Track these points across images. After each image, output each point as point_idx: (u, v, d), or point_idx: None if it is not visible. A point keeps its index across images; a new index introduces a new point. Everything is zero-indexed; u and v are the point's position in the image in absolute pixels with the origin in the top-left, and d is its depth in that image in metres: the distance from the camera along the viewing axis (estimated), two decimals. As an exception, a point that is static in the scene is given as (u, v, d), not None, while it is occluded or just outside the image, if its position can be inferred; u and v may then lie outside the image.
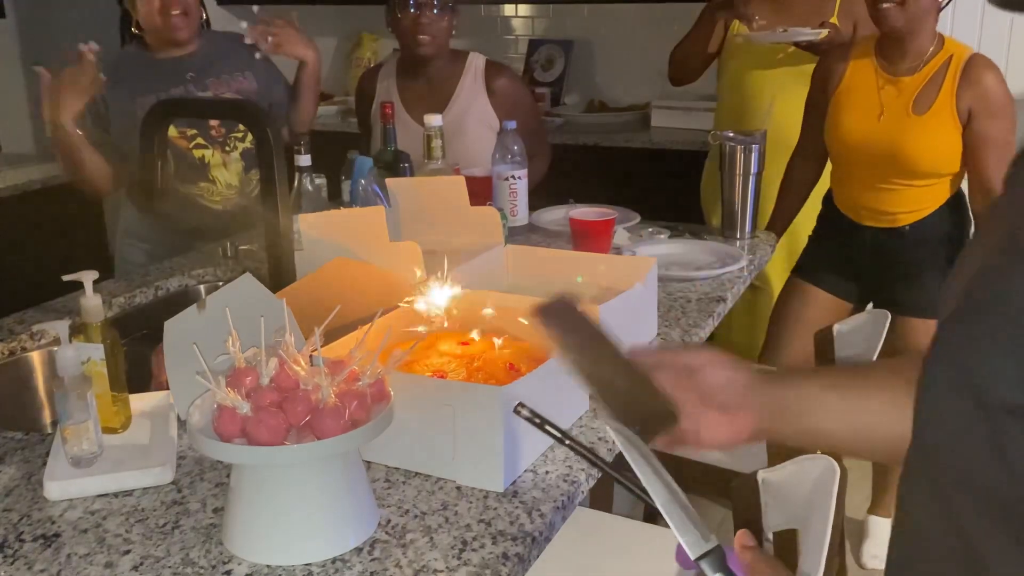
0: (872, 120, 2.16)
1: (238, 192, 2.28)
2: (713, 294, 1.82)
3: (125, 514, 1.09)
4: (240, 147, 2.26)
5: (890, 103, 2.14)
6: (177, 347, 1.17)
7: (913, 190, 2.18)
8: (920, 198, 2.19)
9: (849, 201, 2.30)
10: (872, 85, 2.17)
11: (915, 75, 2.12)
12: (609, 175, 3.45)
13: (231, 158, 2.26)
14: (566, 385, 1.28)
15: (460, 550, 1.01)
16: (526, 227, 2.26)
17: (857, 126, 2.19)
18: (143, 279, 1.95)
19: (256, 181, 2.31)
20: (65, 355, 1.14)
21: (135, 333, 1.78)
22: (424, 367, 1.26)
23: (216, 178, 2.25)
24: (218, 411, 0.97)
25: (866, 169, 2.21)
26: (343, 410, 0.97)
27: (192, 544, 1.03)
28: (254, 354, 1.03)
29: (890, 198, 2.20)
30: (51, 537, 1.05)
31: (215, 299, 1.19)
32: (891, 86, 2.15)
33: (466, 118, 2.44)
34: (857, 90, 2.20)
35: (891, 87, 2.15)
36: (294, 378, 1.00)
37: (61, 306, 1.75)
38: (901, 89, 2.13)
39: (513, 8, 4.17)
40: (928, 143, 2.11)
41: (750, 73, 2.71)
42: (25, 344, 1.64)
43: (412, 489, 1.13)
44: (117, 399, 1.27)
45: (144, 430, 1.28)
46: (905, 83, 2.13)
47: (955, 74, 2.07)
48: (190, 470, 1.19)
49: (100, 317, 1.26)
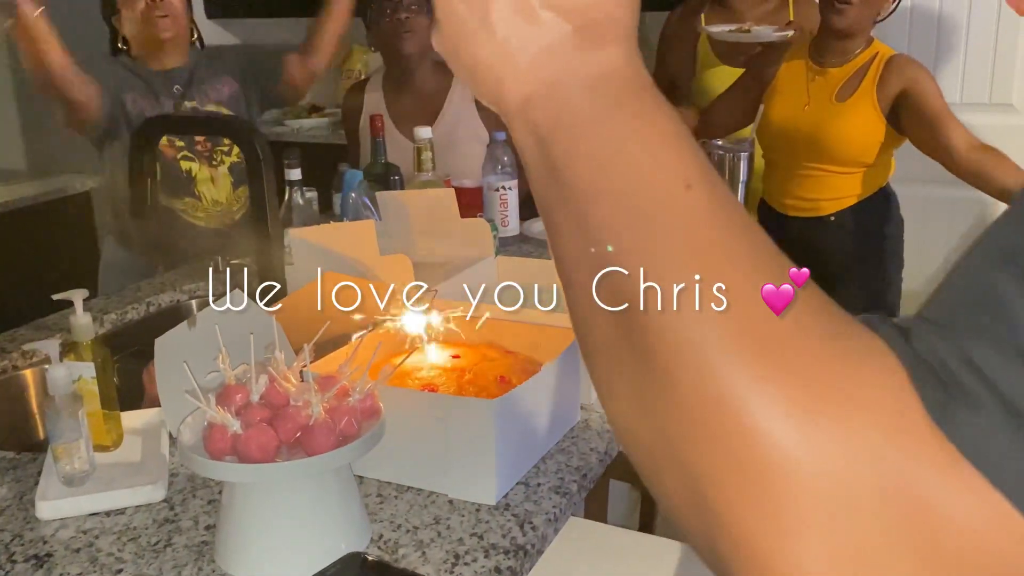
0: (799, 109, 2.27)
1: (224, 210, 2.27)
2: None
3: (117, 533, 1.09)
4: (228, 161, 2.26)
5: (816, 93, 2.25)
6: (168, 364, 1.17)
7: (833, 177, 2.26)
8: (840, 186, 2.27)
9: (776, 193, 2.38)
10: (802, 79, 2.28)
11: (842, 67, 2.23)
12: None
13: (219, 173, 2.25)
14: (557, 398, 1.28)
15: (453, 564, 1.01)
16: (517, 237, 2.27)
17: (784, 115, 2.29)
18: (135, 295, 1.95)
19: (244, 198, 2.30)
20: (56, 374, 1.14)
21: (127, 349, 1.78)
22: (415, 381, 1.26)
23: (202, 193, 2.24)
24: (208, 428, 0.97)
25: (791, 157, 2.30)
26: (333, 426, 0.97)
27: (184, 562, 1.03)
28: (244, 371, 1.03)
29: (812, 185, 2.29)
30: (43, 557, 1.05)
31: (206, 315, 1.19)
32: (820, 77, 2.25)
33: (456, 131, 2.44)
34: (788, 84, 2.30)
35: (820, 78, 2.25)
36: (284, 394, 1.00)
37: (53, 324, 1.75)
38: (828, 79, 2.24)
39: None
40: (848, 129, 2.21)
41: (710, 75, 2.72)
42: (17, 363, 1.64)
43: (404, 503, 1.13)
44: (109, 417, 1.27)
45: (136, 448, 1.28)
46: (832, 74, 2.24)
47: (878, 66, 2.19)
48: (182, 487, 1.19)
49: (91, 335, 1.26)
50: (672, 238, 0.41)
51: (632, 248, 0.41)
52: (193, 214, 2.25)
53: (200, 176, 2.23)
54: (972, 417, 0.35)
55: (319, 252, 1.52)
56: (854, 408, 0.36)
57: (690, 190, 0.41)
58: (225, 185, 2.26)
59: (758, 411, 0.37)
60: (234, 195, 2.28)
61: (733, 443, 0.37)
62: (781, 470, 0.36)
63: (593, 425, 1.33)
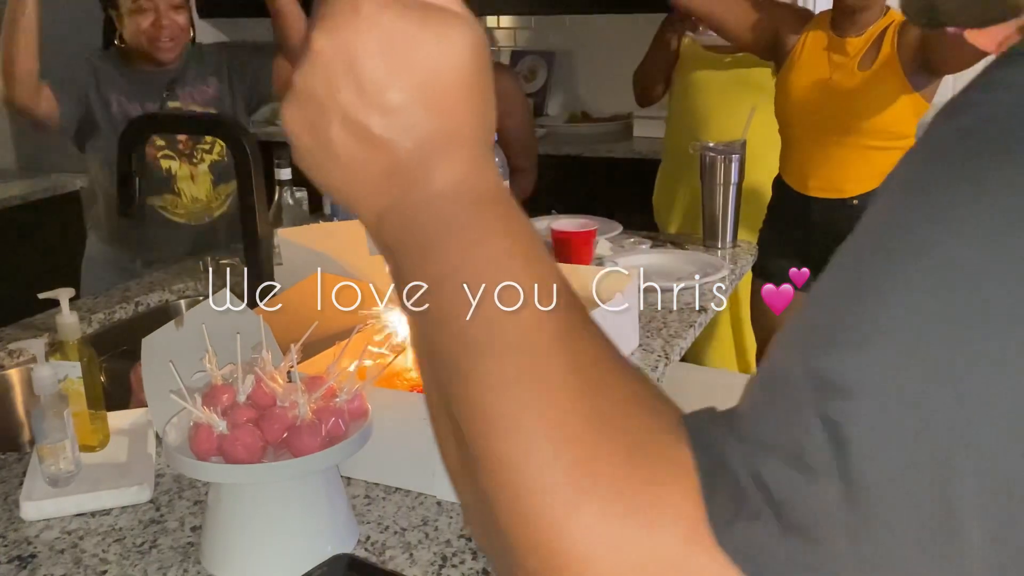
0: (823, 83, 2.24)
1: (204, 208, 2.27)
2: (695, 304, 1.82)
3: (102, 534, 1.08)
4: (208, 159, 2.25)
5: (839, 65, 2.23)
6: (155, 364, 1.16)
7: (857, 153, 2.22)
8: (864, 165, 2.22)
9: (797, 173, 2.34)
10: (823, 53, 2.26)
11: (861, 36, 2.22)
12: (591, 185, 3.45)
13: (199, 171, 2.24)
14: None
15: (440, 566, 1.00)
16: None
17: (806, 87, 2.26)
18: (122, 295, 1.94)
19: (225, 196, 2.30)
20: (41, 374, 1.13)
21: (114, 349, 1.77)
22: (403, 382, 1.25)
23: (182, 190, 2.24)
24: (194, 429, 0.96)
25: (814, 131, 2.27)
26: (320, 427, 0.97)
27: (170, 564, 1.02)
28: (231, 371, 1.03)
29: (836, 163, 2.25)
30: (27, 558, 1.04)
31: (193, 315, 1.19)
32: (841, 47, 2.24)
33: None
34: (809, 56, 2.28)
35: (840, 49, 2.24)
36: (271, 395, 1.00)
37: (40, 323, 1.74)
38: (848, 51, 2.23)
39: (495, 20, 4.18)
40: (872, 96, 2.18)
41: (694, 80, 2.74)
42: (3, 362, 1.63)
43: (392, 505, 1.13)
44: (95, 417, 1.26)
45: (122, 448, 1.27)
46: (852, 43, 2.23)
47: (894, 30, 2.18)
48: (168, 488, 1.18)
49: (77, 335, 1.25)
50: (502, 364, 0.41)
51: (463, 378, 0.42)
52: (173, 211, 2.24)
53: (180, 174, 2.22)
54: (750, 529, 0.37)
55: (308, 252, 1.52)
56: (652, 520, 0.38)
57: (518, 313, 0.41)
58: (205, 183, 2.25)
59: (566, 522, 0.38)
60: (214, 192, 2.27)
61: (542, 552, 0.39)
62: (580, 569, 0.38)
63: (582, 427, 1.32)
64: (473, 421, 0.42)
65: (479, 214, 0.44)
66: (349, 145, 0.43)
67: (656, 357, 1.57)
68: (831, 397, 0.36)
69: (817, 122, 2.25)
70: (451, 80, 0.43)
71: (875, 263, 0.36)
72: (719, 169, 2.19)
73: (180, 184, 2.23)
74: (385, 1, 0.42)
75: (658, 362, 1.55)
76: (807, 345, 0.38)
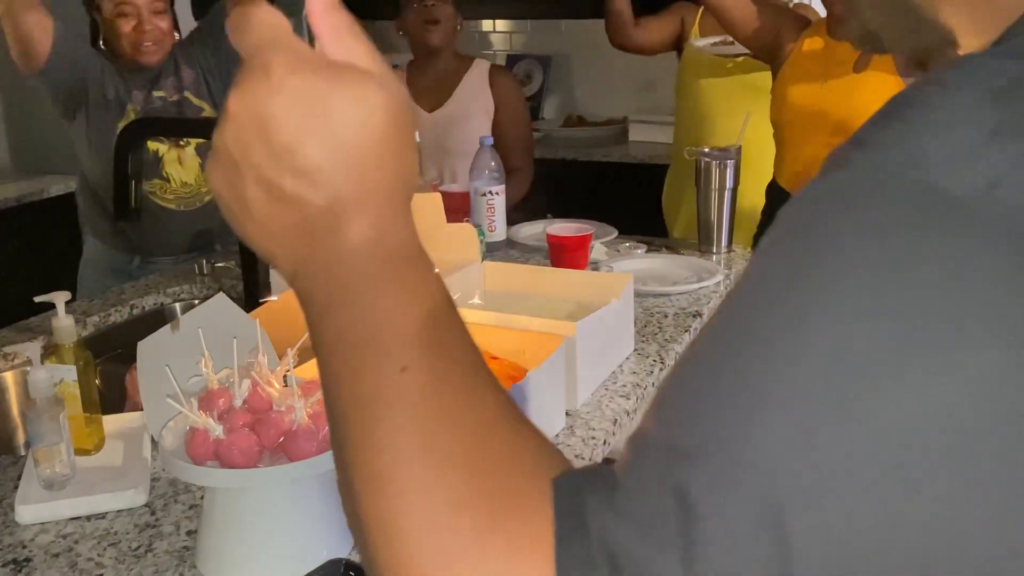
0: (817, 86, 2.25)
1: (193, 192, 2.27)
2: (690, 309, 1.83)
3: (98, 538, 1.08)
4: (194, 141, 2.24)
5: (835, 67, 2.23)
6: (151, 368, 1.16)
7: None
8: None
9: (792, 175, 2.34)
10: (819, 57, 2.27)
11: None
12: (587, 189, 3.46)
13: (186, 153, 2.24)
14: (542, 404, 1.28)
15: (435, 570, 1.00)
16: (504, 242, 2.26)
17: (804, 90, 2.27)
18: (118, 297, 1.93)
19: None
20: (37, 377, 1.13)
21: (110, 352, 1.77)
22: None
23: (170, 175, 2.23)
24: (190, 433, 0.96)
25: (812, 135, 2.27)
26: (316, 431, 0.97)
27: (165, 568, 1.02)
28: (227, 375, 1.03)
29: None
30: (22, 562, 1.04)
31: (189, 319, 1.19)
32: (834, 56, 2.23)
33: (471, 105, 2.60)
34: (807, 60, 2.29)
35: (834, 57, 2.23)
36: (267, 399, 1.00)
37: (36, 326, 1.74)
38: (844, 52, 2.22)
39: (491, 24, 4.18)
40: (869, 95, 2.18)
41: (698, 85, 2.75)
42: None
43: (388, 509, 1.13)
44: (90, 420, 1.26)
45: (117, 452, 1.27)
46: (846, 47, 2.20)
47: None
48: (164, 492, 1.18)
49: (73, 338, 1.25)
50: (383, 426, 0.44)
51: (352, 433, 0.45)
52: (162, 196, 2.23)
53: (167, 157, 2.22)
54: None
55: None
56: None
57: (405, 373, 0.44)
58: (193, 166, 2.25)
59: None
60: (202, 177, 2.27)
61: None
62: None
63: (578, 432, 1.33)
64: (355, 479, 0.44)
65: (385, 272, 0.45)
66: (263, 202, 0.44)
67: (651, 362, 1.58)
68: (679, 460, 0.39)
69: (811, 125, 2.26)
70: (363, 139, 0.43)
71: (732, 338, 0.41)
72: (714, 174, 2.19)
73: (168, 168, 2.22)
74: (295, 65, 0.43)
75: (653, 367, 1.56)
76: (666, 413, 0.42)
